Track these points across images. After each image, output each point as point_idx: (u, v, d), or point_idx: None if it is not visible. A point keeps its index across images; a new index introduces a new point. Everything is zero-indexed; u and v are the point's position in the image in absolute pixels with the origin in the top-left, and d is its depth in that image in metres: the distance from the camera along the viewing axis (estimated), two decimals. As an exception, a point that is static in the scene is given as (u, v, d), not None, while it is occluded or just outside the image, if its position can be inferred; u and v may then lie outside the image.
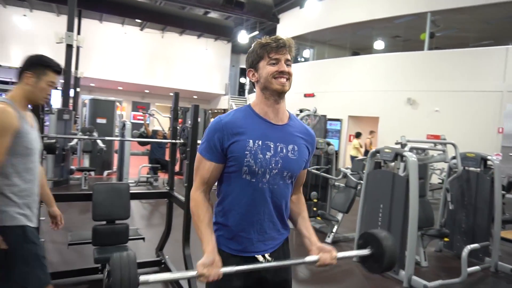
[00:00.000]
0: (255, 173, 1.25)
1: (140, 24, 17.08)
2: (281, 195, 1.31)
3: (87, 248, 2.99)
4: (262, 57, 1.26)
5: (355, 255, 1.38)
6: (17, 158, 1.60)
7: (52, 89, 1.74)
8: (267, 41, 1.27)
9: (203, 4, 11.13)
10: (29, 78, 1.65)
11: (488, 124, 8.84)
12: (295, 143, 1.32)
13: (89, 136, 6.24)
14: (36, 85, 1.67)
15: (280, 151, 1.28)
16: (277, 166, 1.27)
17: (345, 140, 12.34)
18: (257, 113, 1.30)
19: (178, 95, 3.31)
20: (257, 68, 1.28)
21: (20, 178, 1.63)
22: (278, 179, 1.29)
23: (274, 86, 1.26)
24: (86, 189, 6.21)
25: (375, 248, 1.32)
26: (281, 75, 1.25)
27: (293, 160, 1.30)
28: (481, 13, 9.90)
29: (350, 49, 14.90)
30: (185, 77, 18.47)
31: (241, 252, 1.31)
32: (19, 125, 1.58)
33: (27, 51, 10.11)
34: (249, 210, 1.28)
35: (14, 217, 1.61)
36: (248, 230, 1.29)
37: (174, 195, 3.18)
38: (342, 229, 4.70)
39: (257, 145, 1.25)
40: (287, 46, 1.26)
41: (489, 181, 3.91)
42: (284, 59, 1.26)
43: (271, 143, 1.27)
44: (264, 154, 1.25)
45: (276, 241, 1.36)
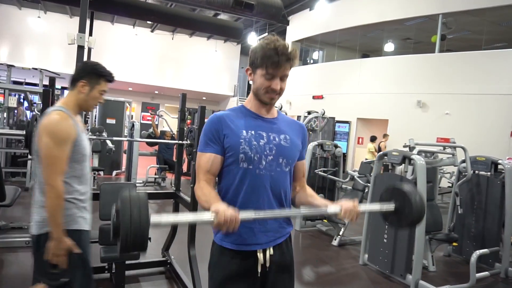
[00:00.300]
0: (251, 160, 1.29)
1: (151, 25, 17.25)
2: (279, 182, 1.33)
3: (94, 247, 3.01)
4: (260, 66, 1.28)
5: (379, 209, 1.33)
6: (75, 165, 1.65)
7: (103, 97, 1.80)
8: (270, 52, 1.25)
9: (213, 6, 11.18)
10: (83, 86, 1.70)
11: (501, 128, 8.69)
12: (286, 133, 1.37)
13: (98, 136, 6.32)
14: (89, 93, 1.72)
15: (273, 140, 1.33)
16: (271, 152, 1.32)
17: (353, 142, 12.25)
18: (249, 109, 1.37)
19: (185, 97, 3.33)
20: (254, 71, 1.32)
21: (79, 183, 1.68)
22: (275, 166, 1.32)
23: (263, 99, 1.33)
24: (95, 189, 6.28)
25: (400, 202, 1.26)
26: (272, 92, 1.30)
27: (287, 147, 1.35)
28: (493, 15, 9.74)
29: (360, 51, 14.80)
30: (194, 78, 18.58)
31: (242, 245, 1.31)
32: (76, 133, 1.64)
33: (41, 52, 10.40)
34: (248, 198, 1.29)
35: (77, 221, 1.66)
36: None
37: (180, 195, 3.20)
38: (349, 232, 4.67)
39: (250, 134, 1.31)
40: (288, 61, 1.27)
41: (499, 185, 3.85)
42: (281, 75, 1.29)
43: (263, 133, 1.33)
44: (258, 141, 1.31)
45: (277, 233, 1.36)
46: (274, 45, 1.26)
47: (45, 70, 7.40)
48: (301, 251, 4.20)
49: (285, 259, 1.39)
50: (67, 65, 13.26)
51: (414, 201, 1.21)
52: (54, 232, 1.55)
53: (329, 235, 4.73)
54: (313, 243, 4.47)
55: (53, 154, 1.55)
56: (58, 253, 1.55)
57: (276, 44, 1.26)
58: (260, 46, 1.29)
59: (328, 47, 15.40)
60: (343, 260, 4.02)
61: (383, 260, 3.55)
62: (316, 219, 5.03)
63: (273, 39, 1.28)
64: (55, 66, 14.81)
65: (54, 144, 1.55)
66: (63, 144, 1.57)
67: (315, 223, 5.08)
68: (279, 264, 1.36)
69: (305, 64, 15.87)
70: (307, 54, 16.71)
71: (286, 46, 1.27)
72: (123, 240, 0.96)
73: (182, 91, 3.88)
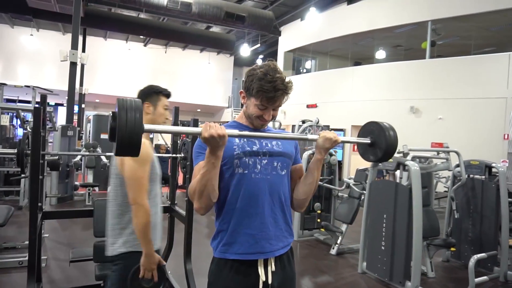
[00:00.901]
0: (246, 164, 1.29)
1: (144, 40, 17.36)
2: (277, 185, 1.33)
3: (89, 265, 2.97)
4: (255, 97, 1.29)
5: (356, 141, 1.44)
6: (149, 185, 1.73)
7: (168, 112, 1.90)
8: (266, 86, 1.24)
9: (205, 19, 11.29)
10: (148, 107, 1.83)
11: (493, 131, 8.77)
12: (277, 140, 1.40)
13: (92, 152, 6.28)
14: (155, 111, 1.84)
15: (266, 145, 1.36)
16: (265, 156, 1.33)
17: (348, 150, 12.29)
18: (241, 123, 1.40)
19: (178, 110, 3.33)
20: (248, 98, 1.33)
21: (152, 203, 1.74)
22: (270, 169, 1.32)
23: (254, 123, 1.36)
24: (90, 205, 6.23)
25: (376, 137, 1.38)
26: (264, 120, 1.33)
27: (280, 151, 1.37)
28: (482, 20, 9.92)
29: (352, 59, 14.95)
30: (188, 90, 18.64)
31: (244, 254, 1.28)
32: (153, 154, 1.77)
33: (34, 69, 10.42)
34: (247, 203, 1.28)
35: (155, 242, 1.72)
36: (249, 225, 1.28)
37: (175, 209, 3.17)
38: (347, 240, 4.65)
39: (243, 141, 1.33)
40: (284, 95, 1.29)
41: (494, 188, 3.86)
42: (274, 107, 1.31)
43: (255, 140, 1.35)
44: (251, 147, 1.32)
45: (280, 242, 1.34)
46: (272, 78, 1.24)
47: (38, 87, 7.40)
48: (299, 261, 4.17)
49: (287, 276, 1.36)
50: (60, 81, 13.25)
51: (388, 135, 1.35)
52: (146, 249, 1.64)
53: (327, 244, 4.70)
54: (311, 253, 4.44)
55: (138, 174, 1.65)
56: (150, 267, 1.66)
57: (274, 77, 1.25)
58: (257, 76, 1.27)
59: (320, 56, 15.55)
60: (342, 269, 3.99)
61: (381, 268, 3.53)
62: (313, 228, 5.01)
63: (271, 69, 1.26)
64: (48, 83, 14.82)
65: (138, 165, 1.65)
66: (145, 164, 1.68)
67: (313, 232, 5.06)
68: (281, 281, 1.33)
69: (298, 74, 15.98)
70: (300, 63, 16.85)
71: (284, 79, 1.26)
72: (119, 141, 1.02)
73: (176, 103, 3.88)
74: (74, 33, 7.35)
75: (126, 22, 12.59)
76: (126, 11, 12.95)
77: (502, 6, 8.88)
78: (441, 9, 10.05)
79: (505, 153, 8.53)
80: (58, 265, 3.61)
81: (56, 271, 3.46)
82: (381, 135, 1.37)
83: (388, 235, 3.49)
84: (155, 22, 13.65)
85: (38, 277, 2.72)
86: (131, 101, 1.05)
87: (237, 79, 20.88)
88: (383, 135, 1.36)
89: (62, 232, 4.82)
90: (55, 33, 15.69)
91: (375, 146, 1.39)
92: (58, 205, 6.27)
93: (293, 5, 13.40)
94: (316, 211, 4.93)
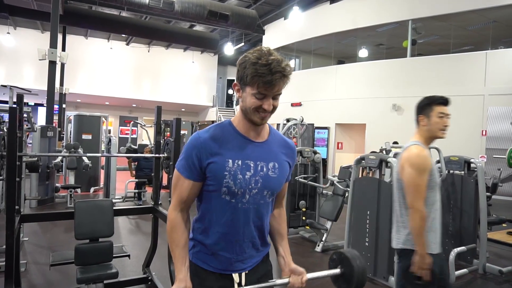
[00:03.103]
0: (235, 194, 1.21)
1: (126, 38, 17.09)
2: (262, 214, 1.28)
3: (71, 268, 2.91)
4: (251, 85, 1.15)
5: (325, 275, 1.36)
6: (429, 192, 1.87)
7: (447, 119, 1.97)
8: (262, 69, 1.11)
9: (188, 17, 11.19)
10: (422, 120, 1.96)
11: (472, 127, 9.01)
12: (275, 160, 1.28)
13: (73, 153, 6.15)
14: (429, 122, 1.94)
15: (261, 170, 1.24)
16: (257, 185, 1.23)
17: (333, 148, 12.41)
18: (238, 131, 1.25)
19: (161, 109, 3.30)
20: (243, 89, 1.19)
21: (430, 209, 1.86)
22: (259, 199, 1.25)
23: (253, 119, 1.20)
24: (71, 207, 6.09)
25: (345, 268, 1.32)
26: (263, 112, 1.18)
27: (274, 179, 1.27)
28: (460, 19, 10.18)
29: (335, 58, 15.11)
30: (172, 90, 18.47)
31: (219, 270, 1.28)
32: (432, 163, 1.89)
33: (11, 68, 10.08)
34: (228, 231, 1.24)
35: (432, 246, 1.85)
36: (227, 249, 1.25)
37: (159, 210, 3.14)
38: (332, 237, 4.69)
39: (236, 165, 1.20)
40: (283, 78, 1.14)
41: (473, 183, 3.96)
42: (273, 94, 1.17)
43: (251, 162, 1.23)
44: (244, 174, 1.21)
45: (254, 258, 1.33)
46: (267, 60, 1.11)
47: (15, 87, 7.18)
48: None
49: (262, 273, 1.35)
50: (40, 81, 12.94)
51: (355, 265, 1.30)
52: (419, 250, 1.80)
53: (312, 242, 4.73)
54: (297, 251, 4.46)
55: (416, 182, 1.82)
56: (422, 267, 1.79)
57: (268, 59, 1.11)
58: (250, 61, 1.13)
59: (304, 55, 15.65)
60: (327, 266, 4.01)
61: (365, 264, 3.58)
62: (298, 226, 5.04)
63: (264, 53, 1.13)
64: (26, 83, 14.45)
65: (416, 174, 1.82)
66: (423, 173, 1.83)
67: (298, 230, 5.08)
68: (256, 279, 1.32)
69: (282, 72, 16.01)
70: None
71: (280, 60, 1.13)
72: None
73: (160, 103, 3.85)
74: (53, 31, 7.17)
75: (107, 21, 12.37)
76: (107, 9, 12.73)
77: (479, 6, 9.13)
78: (421, 9, 10.25)
79: (483, 149, 8.79)
80: (38, 269, 3.52)
81: (36, 275, 3.37)
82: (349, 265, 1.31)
83: (371, 231, 3.54)
84: (138, 21, 13.45)
85: (17, 282, 2.64)
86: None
87: (222, 78, 20.81)
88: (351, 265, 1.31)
89: (43, 235, 4.70)
90: (33, 31, 15.29)
91: (345, 277, 1.33)
92: (39, 207, 6.11)
93: (276, 3, 13.43)
94: (301, 209, 4.96)
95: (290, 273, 1.32)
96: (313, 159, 5.03)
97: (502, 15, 9.59)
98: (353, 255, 1.32)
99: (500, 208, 6.60)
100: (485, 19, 10.06)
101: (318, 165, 5.13)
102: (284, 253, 1.37)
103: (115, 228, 2.94)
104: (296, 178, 4.90)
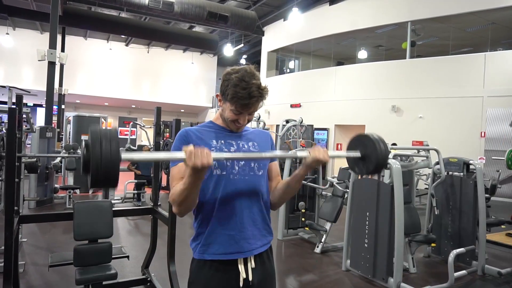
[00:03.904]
0: (224, 165, 1.29)
1: (126, 39, 17.09)
2: (255, 185, 1.33)
3: (70, 269, 2.90)
4: (230, 102, 1.27)
5: (346, 155, 1.39)
6: None
7: None
8: (241, 93, 1.23)
9: (188, 18, 11.19)
10: None
11: (471, 129, 9.03)
12: (254, 140, 1.41)
13: (72, 153, 6.15)
14: None
15: (242, 147, 1.37)
16: None
17: (332, 149, 12.42)
18: (218, 124, 1.39)
19: (160, 110, 3.30)
20: (224, 101, 1.32)
21: None
22: (248, 170, 1.33)
23: (230, 127, 1.37)
24: (70, 208, 6.08)
25: (366, 149, 1.33)
26: (239, 123, 1.33)
27: (257, 151, 1.38)
28: (458, 21, 10.20)
29: (335, 59, 15.13)
30: (171, 91, 18.47)
31: (223, 254, 1.29)
32: None
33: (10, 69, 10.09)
34: (225, 205, 1.28)
35: None
36: (228, 225, 1.28)
37: (158, 211, 3.13)
38: (331, 238, 4.69)
39: (220, 143, 1.33)
40: (259, 101, 1.27)
41: (472, 185, 3.96)
42: (249, 112, 1.30)
43: (232, 141, 1.36)
44: (229, 149, 1.33)
45: (259, 241, 1.34)
46: (247, 85, 1.23)
47: (14, 87, 7.18)
48: (284, 260, 4.17)
49: (267, 272, 1.37)
50: (39, 82, 12.92)
51: (378, 148, 1.30)
52: None
53: (311, 243, 4.73)
54: (296, 252, 4.46)
55: None
56: None
57: (249, 84, 1.23)
58: (232, 82, 1.25)
59: (303, 56, 15.67)
60: (326, 267, 4.02)
61: (365, 265, 3.58)
62: (298, 227, 5.03)
63: (246, 74, 1.24)
64: (25, 84, 14.45)
65: None
66: None
67: (297, 231, 5.08)
68: (261, 278, 1.34)
69: (281, 74, 16.04)
70: (283, 63, 16.93)
71: (259, 86, 1.24)
72: (94, 173, 0.94)
73: (159, 104, 3.84)
74: (52, 32, 7.17)
75: (107, 22, 12.37)
76: (107, 10, 12.73)
77: (478, 7, 9.15)
78: (420, 10, 10.28)
79: (482, 150, 8.80)
80: (36, 270, 3.51)
81: (34, 276, 3.36)
82: (371, 148, 1.31)
83: (371, 233, 3.54)
84: (137, 22, 13.45)
85: (15, 283, 2.64)
86: (105, 131, 0.99)
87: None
88: (374, 148, 1.31)
89: (41, 236, 4.69)
90: (33, 32, 15.28)
91: (365, 160, 1.33)
92: (37, 208, 6.10)
93: (275, 5, 13.45)
94: (301, 210, 4.96)
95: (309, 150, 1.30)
96: (313, 160, 5.03)
97: (500, 17, 9.62)
98: (376, 138, 1.33)
99: (499, 210, 6.61)
100: (483, 21, 10.08)
101: (318, 166, 5.13)
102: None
103: (114, 229, 2.94)
104: (295, 179, 4.89)
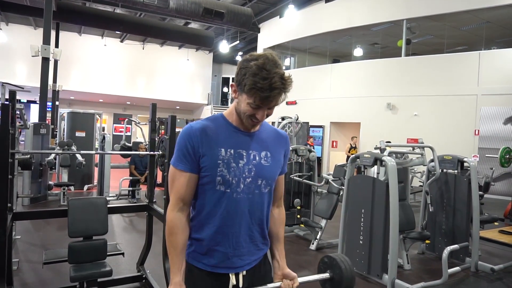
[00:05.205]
0: (229, 183, 1.20)
1: (120, 35, 16.97)
2: (258, 205, 1.26)
3: (64, 266, 2.89)
4: (248, 94, 1.12)
5: (315, 279, 1.38)
6: None
7: None
8: (261, 84, 1.08)
9: (183, 15, 11.12)
10: None
11: (465, 127, 9.09)
12: (267, 149, 1.27)
13: (67, 150, 6.10)
14: None
15: (253, 159, 1.23)
16: (250, 174, 1.22)
17: (327, 146, 12.45)
18: (230, 122, 1.25)
19: (156, 107, 3.28)
20: (240, 93, 1.17)
21: None
22: (253, 188, 1.23)
23: (245, 123, 1.22)
24: (64, 205, 6.04)
25: (334, 272, 1.35)
26: (256, 119, 1.18)
27: (267, 167, 1.26)
28: (454, 20, 10.24)
29: (330, 57, 15.14)
30: (167, 87, 18.39)
31: (215, 267, 1.24)
32: None
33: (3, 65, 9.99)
34: (224, 223, 1.22)
35: None
36: (223, 243, 1.23)
37: (153, 208, 3.12)
38: (326, 235, 4.70)
39: (229, 154, 1.20)
40: (281, 93, 1.13)
41: (466, 182, 4.00)
42: (268, 107, 1.16)
43: (243, 151, 1.22)
44: (237, 163, 1.21)
45: (253, 256, 1.29)
46: (268, 74, 1.08)
47: (7, 83, 7.10)
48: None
49: (260, 275, 1.33)
50: (33, 78, 12.80)
51: (344, 268, 1.33)
52: None
53: (306, 240, 4.74)
54: (291, 249, 4.47)
55: None
56: None
57: (271, 73, 1.08)
58: (251, 71, 1.09)
59: (299, 53, 15.66)
60: (321, 264, 4.03)
61: (360, 262, 3.60)
62: (293, 224, 5.05)
63: (268, 63, 1.09)
64: (19, 80, 14.30)
65: None
66: None
67: (293, 228, 5.09)
68: (255, 279, 1.30)
69: (277, 71, 16.01)
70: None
71: (282, 75, 1.10)
72: None
73: (154, 100, 3.80)
74: (46, 28, 7.10)
75: (101, 17, 12.26)
76: (102, 5, 12.61)
77: (473, 6, 9.20)
78: (415, 8, 10.30)
79: (476, 148, 8.87)
80: (31, 267, 3.49)
81: (28, 273, 3.34)
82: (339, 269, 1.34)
83: (366, 230, 3.56)
84: (132, 18, 13.35)
85: (9, 281, 2.62)
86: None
87: (216, 76, 20.76)
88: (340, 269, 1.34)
89: (36, 233, 4.66)
90: (26, 28, 15.12)
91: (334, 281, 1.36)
92: (31, 205, 6.06)
93: (271, 2, 13.41)
94: (296, 207, 4.97)
95: (282, 277, 1.31)
96: (308, 157, 5.04)
97: (495, 16, 9.68)
98: (342, 260, 1.36)
99: (492, 207, 6.67)
100: (478, 20, 10.14)
101: (313, 164, 5.14)
102: (279, 256, 1.36)
103: (109, 226, 2.93)
104: (291, 176, 4.90)
